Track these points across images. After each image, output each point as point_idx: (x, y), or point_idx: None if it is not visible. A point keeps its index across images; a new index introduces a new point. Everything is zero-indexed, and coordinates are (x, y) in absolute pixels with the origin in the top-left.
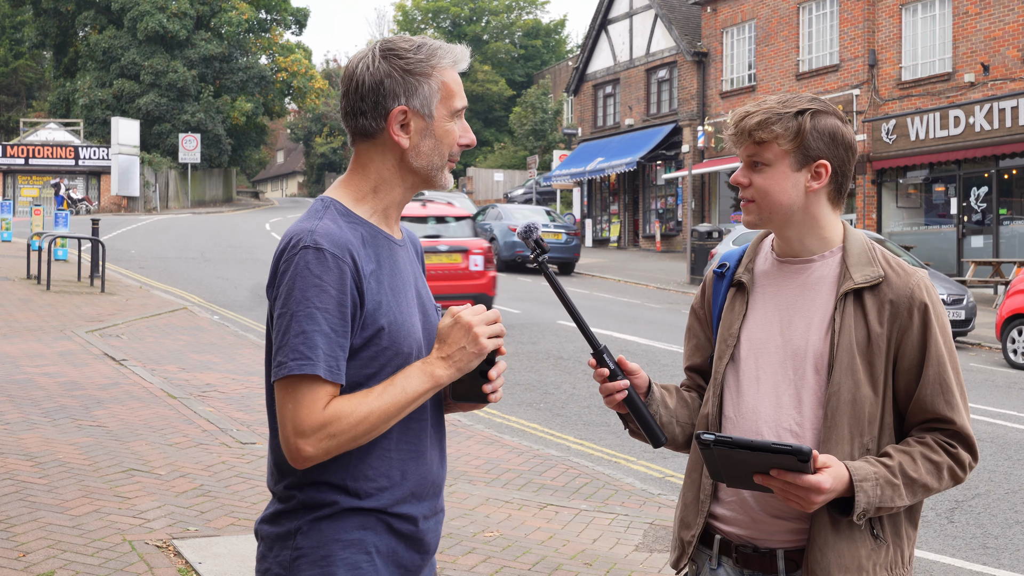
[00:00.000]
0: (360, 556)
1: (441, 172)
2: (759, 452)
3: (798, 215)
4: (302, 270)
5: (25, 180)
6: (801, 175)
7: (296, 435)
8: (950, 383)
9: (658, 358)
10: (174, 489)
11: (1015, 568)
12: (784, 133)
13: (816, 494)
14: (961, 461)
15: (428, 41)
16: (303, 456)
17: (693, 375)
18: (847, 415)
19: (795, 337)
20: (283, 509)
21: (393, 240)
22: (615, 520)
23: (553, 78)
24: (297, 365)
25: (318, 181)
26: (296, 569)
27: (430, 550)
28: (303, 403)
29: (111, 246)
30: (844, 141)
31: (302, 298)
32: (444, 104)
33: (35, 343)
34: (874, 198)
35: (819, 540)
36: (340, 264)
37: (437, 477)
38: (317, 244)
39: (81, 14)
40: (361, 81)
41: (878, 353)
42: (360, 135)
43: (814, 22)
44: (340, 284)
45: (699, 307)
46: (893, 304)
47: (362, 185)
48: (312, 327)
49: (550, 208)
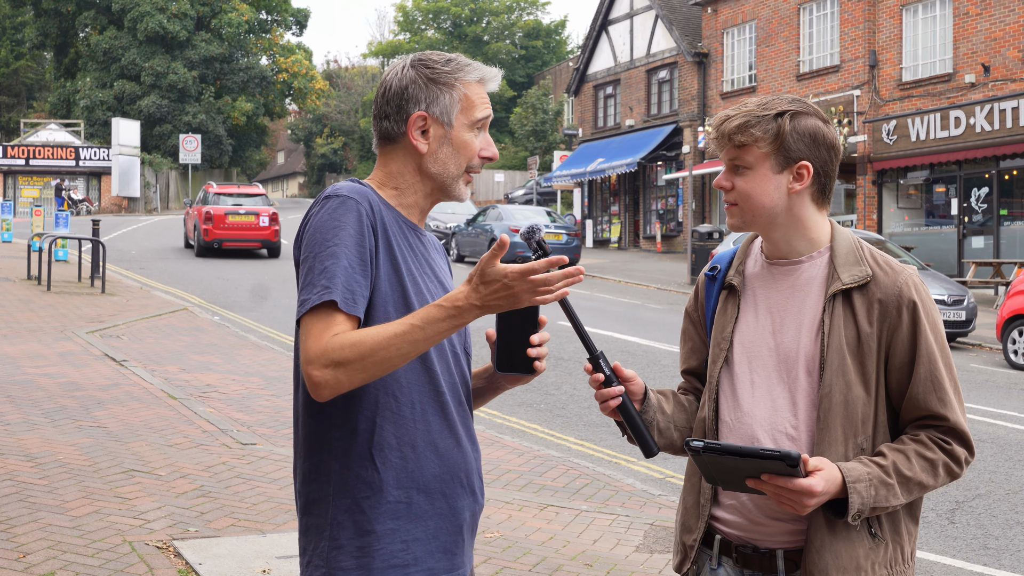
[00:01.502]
0: (396, 544)
1: (457, 182)
2: (748, 458)
3: (782, 217)
4: (324, 217)
5: (26, 181)
6: (783, 177)
7: (307, 362)
8: (942, 380)
9: (658, 359)
10: (174, 490)
11: (1015, 569)
12: (764, 136)
13: (808, 497)
14: (956, 457)
15: (460, 58)
16: (312, 382)
17: (690, 378)
18: (840, 416)
19: (786, 340)
20: (318, 500)
21: (416, 226)
22: (616, 521)
23: (554, 79)
24: (317, 296)
25: (319, 182)
26: (333, 559)
27: (464, 530)
28: (314, 330)
29: (111, 247)
30: (825, 141)
31: (322, 239)
32: (465, 115)
33: (35, 344)
34: (875, 199)
35: (816, 542)
36: (358, 207)
37: (468, 456)
38: (337, 192)
39: (82, 15)
40: (389, 86)
41: (869, 353)
42: (384, 138)
43: (815, 23)
44: (358, 224)
45: (693, 310)
46: (882, 303)
47: (385, 183)
48: (332, 263)
49: (551, 209)
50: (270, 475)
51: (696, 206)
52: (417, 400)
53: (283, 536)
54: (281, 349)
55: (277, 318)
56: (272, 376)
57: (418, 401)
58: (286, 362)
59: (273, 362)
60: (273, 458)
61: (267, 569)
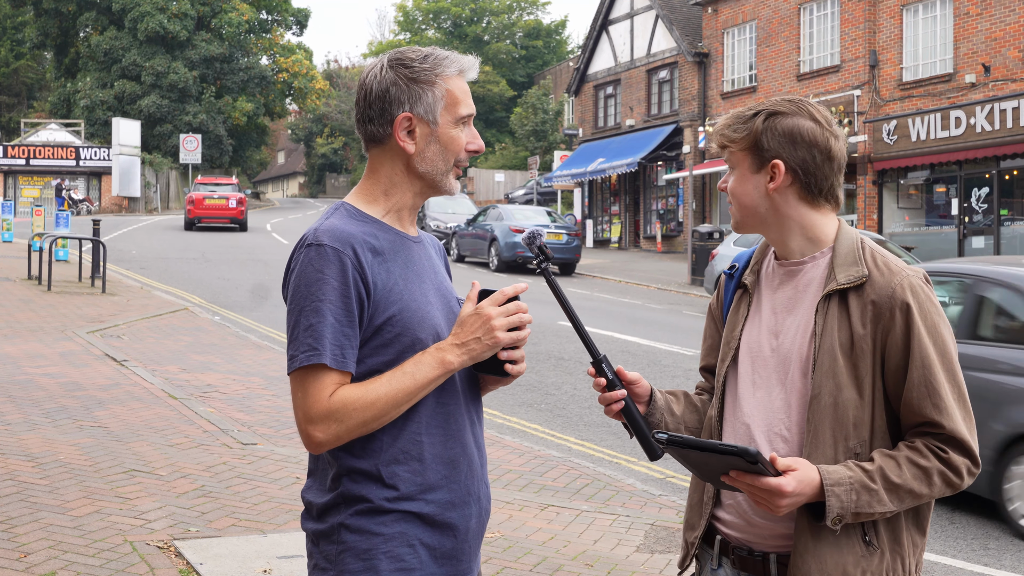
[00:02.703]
0: (403, 548)
1: (446, 177)
2: (708, 452)
3: (770, 217)
4: (305, 267)
5: (26, 181)
6: (760, 176)
7: (306, 422)
8: (937, 386)
9: (659, 359)
10: (175, 490)
11: (1016, 569)
12: (738, 137)
13: (779, 497)
14: (954, 466)
15: (436, 51)
16: (314, 442)
17: (708, 376)
18: (829, 418)
19: (786, 341)
20: (326, 504)
21: (406, 236)
22: (616, 521)
23: (554, 79)
24: (305, 357)
25: (319, 182)
26: (341, 562)
27: (470, 536)
28: (311, 392)
29: (112, 247)
30: (805, 140)
31: (306, 293)
32: (449, 111)
33: (36, 344)
34: (875, 199)
35: (800, 546)
36: (340, 256)
37: (473, 461)
38: (318, 240)
39: (82, 15)
40: (369, 89)
41: (862, 355)
42: (371, 141)
43: (815, 23)
44: (342, 276)
45: (715, 307)
46: (875, 305)
47: (374, 189)
48: (317, 320)
49: (551, 209)
50: (271, 475)
51: (696, 206)
52: (424, 410)
53: (284, 536)
54: (281, 349)
55: (278, 318)
56: (273, 376)
57: (425, 411)
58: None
59: (273, 362)
60: (274, 458)
61: (268, 569)
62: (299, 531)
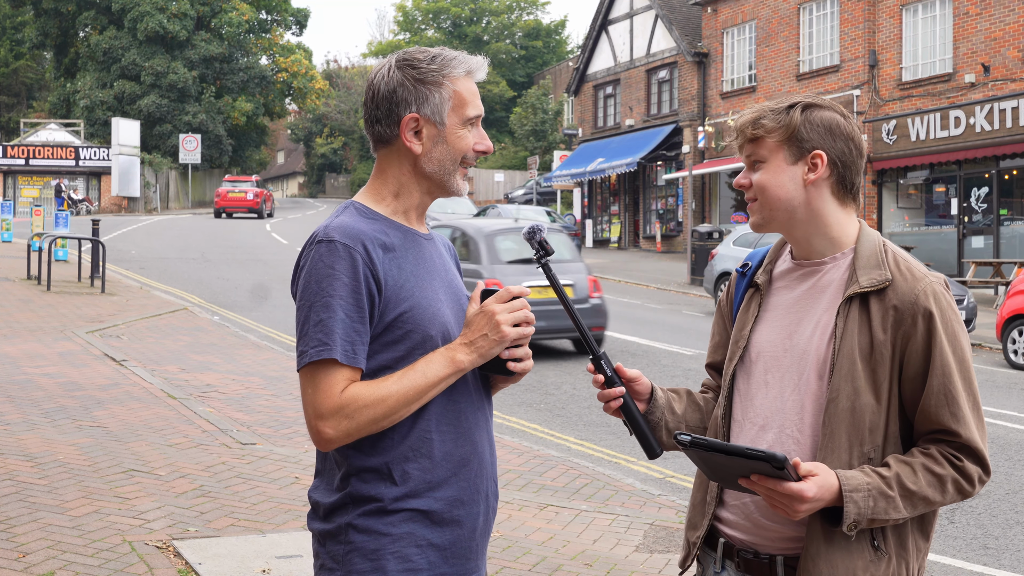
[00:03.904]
0: (411, 549)
1: (453, 177)
2: (735, 456)
3: (801, 212)
4: (316, 263)
5: (25, 181)
6: (798, 168)
7: (316, 418)
8: (955, 394)
9: (658, 358)
10: (174, 490)
11: (1015, 569)
12: (776, 127)
13: (799, 502)
14: (967, 474)
15: (444, 52)
16: (324, 438)
17: (713, 373)
18: (845, 423)
19: (801, 342)
20: (333, 504)
21: (417, 233)
22: (615, 521)
23: (554, 79)
24: (315, 352)
25: (318, 181)
26: (348, 562)
27: (478, 533)
28: (321, 387)
29: (111, 247)
30: (843, 133)
31: (317, 289)
32: (456, 112)
33: (35, 344)
34: (874, 199)
35: (811, 549)
36: (351, 252)
37: (484, 459)
38: (328, 237)
39: (82, 15)
40: (377, 90)
41: (881, 360)
42: (378, 142)
43: (815, 22)
44: (352, 271)
45: (724, 304)
46: (897, 310)
47: (382, 189)
48: (327, 315)
49: (550, 208)
50: (270, 475)
51: (696, 206)
52: (434, 408)
53: (283, 536)
54: (281, 349)
55: (277, 318)
56: (272, 376)
57: (435, 409)
58: (286, 362)
59: (273, 362)
60: (273, 458)
61: (267, 569)
62: (298, 531)
